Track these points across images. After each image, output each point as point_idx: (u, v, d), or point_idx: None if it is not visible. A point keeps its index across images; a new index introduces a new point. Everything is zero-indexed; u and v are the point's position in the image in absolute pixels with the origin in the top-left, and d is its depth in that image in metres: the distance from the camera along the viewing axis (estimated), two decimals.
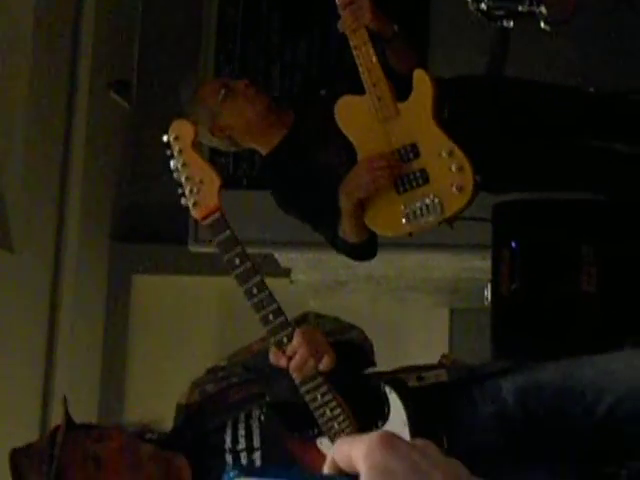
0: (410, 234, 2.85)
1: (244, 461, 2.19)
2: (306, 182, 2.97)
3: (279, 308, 2.17)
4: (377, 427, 2.15)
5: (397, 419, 2.15)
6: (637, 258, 3.43)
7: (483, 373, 2.38)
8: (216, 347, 4.97)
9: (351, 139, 2.83)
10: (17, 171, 4.31)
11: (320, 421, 2.14)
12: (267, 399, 2.24)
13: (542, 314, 3.48)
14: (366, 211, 2.82)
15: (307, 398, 2.14)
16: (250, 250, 4.40)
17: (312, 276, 4.71)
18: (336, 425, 2.13)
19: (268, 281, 2.24)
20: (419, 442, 0.83)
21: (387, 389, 2.17)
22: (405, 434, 2.13)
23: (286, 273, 4.61)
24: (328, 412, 2.13)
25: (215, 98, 2.95)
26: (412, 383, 2.26)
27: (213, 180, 2.24)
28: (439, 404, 2.25)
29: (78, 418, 2.25)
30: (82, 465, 2.11)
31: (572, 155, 3.16)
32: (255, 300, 2.17)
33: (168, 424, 2.33)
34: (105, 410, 4.85)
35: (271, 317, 2.16)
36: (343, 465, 0.83)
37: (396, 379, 2.24)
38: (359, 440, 0.82)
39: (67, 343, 4.56)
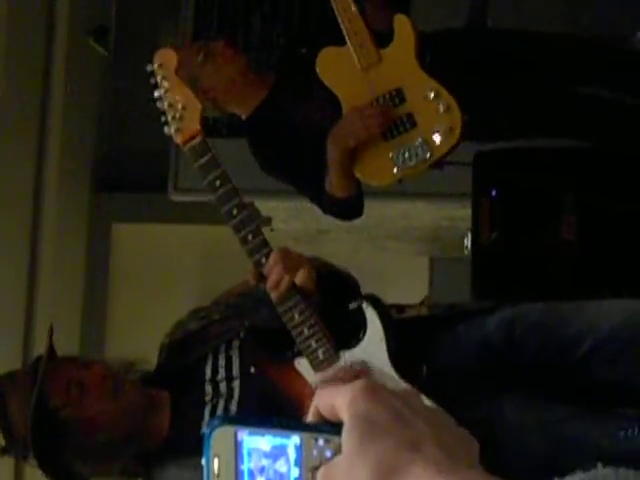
0: (400, 180, 2.85)
1: (223, 390, 2.23)
2: (289, 141, 2.95)
3: (258, 228, 2.24)
4: (354, 345, 2.19)
5: (374, 335, 2.19)
6: (617, 207, 3.45)
7: (465, 309, 2.43)
8: (196, 295, 4.97)
9: (335, 91, 2.81)
10: None
11: (298, 340, 2.18)
12: (246, 325, 2.28)
13: (522, 263, 3.49)
14: (354, 162, 2.80)
15: (285, 318, 2.18)
16: None
17: (293, 225, 4.71)
18: (313, 344, 2.17)
19: None
20: (402, 391, 0.84)
21: (365, 305, 2.21)
22: (382, 350, 2.18)
23: (267, 222, 4.60)
24: (305, 331, 2.17)
25: (194, 62, 2.93)
26: (393, 315, 2.30)
27: (195, 105, 2.32)
28: (419, 335, 2.29)
29: None
30: (65, 390, 2.15)
31: (556, 100, 3.14)
32: (235, 221, 2.24)
33: (151, 365, 2.38)
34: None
35: (250, 237, 2.22)
36: (326, 413, 0.84)
37: (375, 297, 2.27)
38: (342, 388, 0.82)
39: (48, 294, 4.56)
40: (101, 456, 2.21)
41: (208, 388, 2.26)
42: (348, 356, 2.20)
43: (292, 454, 0.83)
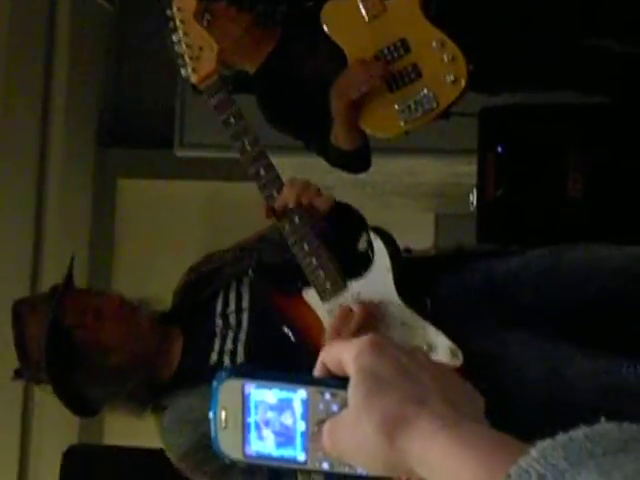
0: (406, 132, 2.83)
1: (232, 322, 2.30)
2: (296, 94, 2.95)
3: (270, 164, 2.27)
4: (361, 275, 2.22)
5: (381, 265, 2.23)
6: (624, 164, 3.43)
7: (472, 251, 2.47)
8: (201, 250, 4.97)
9: (340, 43, 2.80)
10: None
11: (306, 271, 2.22)
12: (256, 259, 2.34)
13: (527, 220, 3.48)
14: (360, 114, 2.79)
15: (294, 249, 2.23)
16: (235, 155, 4.38)
17: None
18: (321, 274, 2.22)
19: (253, 187, 2.29)
20: (409, 347, 0.84)
21: (372, 235, 2.25)
22: (389, 280, 2.22)
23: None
24: (314, 261, 2.22)
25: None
26: (401, 253, 2.33)
27: (212, 46, 2.39)
28: (425, 271, 2.33)
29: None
30: (81, 315, 2.24)
31: (563, 51, 3.12)
32: (248, 156, 2.29)
33: (165, 307, 2.44)
34: None
35: (262, 172, 2.26)
36: (333, 368, 0.84)
37: (383, 229, 2.30)
38: (349, 343, 0.83)
39: (54, 249, 4.57)
40: (112, 380, 2.26)
41: (218, 321, 2.32)
42: (355, 286, 2.23)
43: (298, 408, 0.84)
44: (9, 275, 4.28)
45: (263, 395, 0.85)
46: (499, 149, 3.45)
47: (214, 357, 2.29)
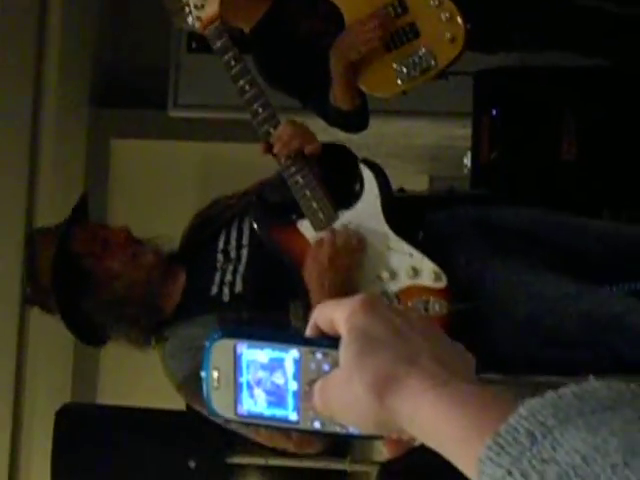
0: (404, 92, 2.84)
1: (233, 256, 2.48)
2: (293, 54, 2.94)
3: (267, 102, 2.46)
4: (352, 205, 2.42)
5: (370, 194, 2.42)
6: (618, 128, 3.43)
7: (464, 194, 2.59)
8: (194, 211, 4.97)
9: (337, 2, 2.79)
10: None
11: (301, 203, 2.42)
12: (257, 195, 2.55)
13: (520, 183, 3.49)
14: (358, 74, 2.80)
15: (290, 182, 2.43)
16: (231, 116, 4.37)
17: None
18: (314, 204, 2.41)
19: (248, 147, 2.35)
20: (401, 307, 0.85)
21: (362, 166, 2.45)
22: (377, 209, 2.40)
23: (266, 136, 4.59)
24: (308, 193, 2.42)
25: None
26: (394, 193, 2.53)
27: None
28: (418, 207, 2.54)
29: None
30: (90, 243, 2.40)
31: (561, 10, 3.11)
32: (247, 95, 2.47)
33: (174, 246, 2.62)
34: None
35: (260, 110, 2.45)
36: (325, 328, 0.85)
37: (372, 160, 2.50)
38: (341, 303, 0.83)
39: (47, 209, 4.56)
40: (116, 306, 2.41)
41: (219, 256, 2.49)
42: (346, 215, 2.42)
43: (290, 367, 0.84)
44: (2, 236, 4.28)
45: (255, 355, 0.85)
46: (494, 112, 3.45)
47: (214, 289, 2.43)
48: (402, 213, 2.44)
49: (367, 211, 2.42)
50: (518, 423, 0.63)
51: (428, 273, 2.33)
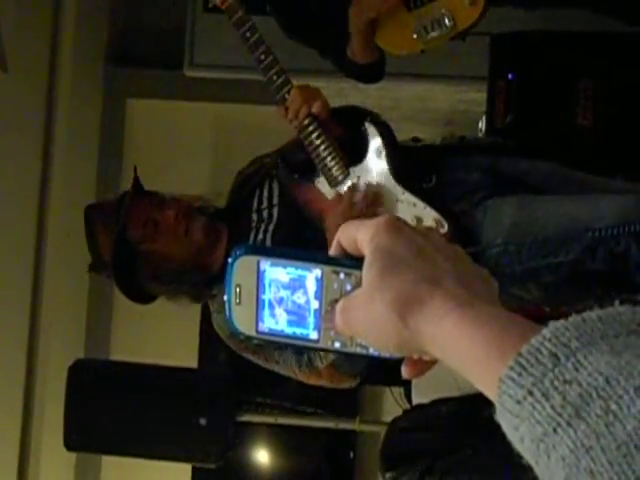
0: (422, 51, 2.85)
1: (265, 216, 2.66)
2: (311, 6, 2.94)
3: (281, 69, 2.61)
4: (361, 160, 2.60)
5: (376, 148, 2.59)
6: (634, 95, 3.42)
7: (476, 142, 2.82)
8: (210, 171, 4.99)
9: None
10: None
11: (316, 161, 2.60)
12: (281, 156, 2.73)
13: (536, 147, 3.48)
14: (377, 30, 2.82)
15: (305, 142, 2.60)
16: (247, 76, 4.35)
17: None
18: (329, 162, 2.59)
19: (263, 109, 2.42)
20: (424, 228, 0.84)
21: (367, 123, 2.61)
22: (383, 162, 2.58)
23: (282, 100, 4.58)
24: (322, 152, 2.59)
25: None
26: (407, 144, 2.71)
27: None
28: (431, 155, 2.67)
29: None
30: (143, 225, 2.59)
31: None
32: (263, 64, 2.61)
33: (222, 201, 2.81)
34: None
35: (275, 77, 2.61)
36: (348, 248, 0.84)
37: (377, 116, 2.70)
38: (365, 223, 0.83)
39: (62, 167, 4.57)
40: (171, 280, 2.62)
41: (254, 216, 2.68)
42: (356, 171, 2.60)
43: (312, 286, 0.84)
44: (17, 194, 4.30)
45: (277, 273, 0.85)
46: (510, 76, 3.44)
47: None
48: (413, 161, 2.61)
49: (374, 165, 2.59)
50: (541, 344, 0.63)
51: (430, 221, 2.48)
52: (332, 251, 0.86)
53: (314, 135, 2.59)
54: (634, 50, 3.40)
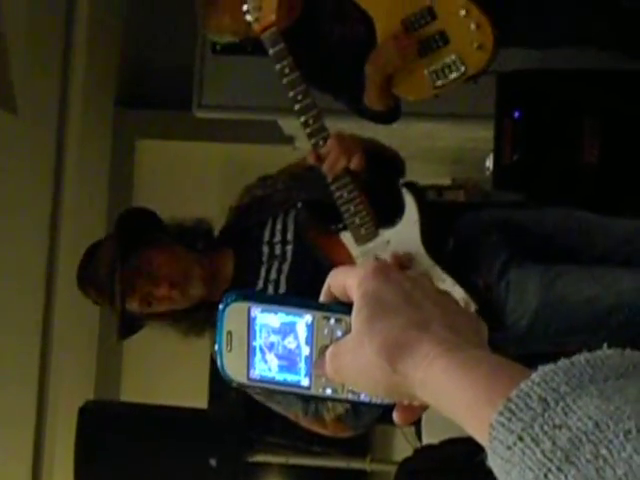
0: (436, 96, 2.91)
1: (278, 252, 2.60)
2: (326, 58, 2.98)
3: (319, 114, 2.52)
4: (393, 225, 2.55)
5: (410, 218, 2.54)
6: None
7: (498, 201, 2.69)
8: (219, 212, 4.99)
9: (367, 9, 2.84)
10: (20, 33, 4.27)
11: (345, 216, 2.54)
12: (303, 197, 2.66)
13: (542, 185, 3.49)
14: (392, 80, 2.88)
15: (335, 195, 2.52)
16: (254, 117, 4.38)
17: None
18: (357, 220, 2.54)
19: (271, 149, 2.38)
20: (414, 274, 0.84)
21: (404, 190, 2.56)
22: (415, 233, 2.53)
23: (289, 141, 4.60)
24: (352, 208, 2.53)
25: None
26: (432, 197, 2.74)
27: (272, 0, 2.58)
28: (451, 215, 2.65)
29: (84, 301, 2.68)
30: (139, 301, 2.52)
31: (580, 6, 3.09)
32: (300, 105, 2.52)
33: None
34: None
35: (311, 121, 2.51)
36: (338, 293, 0.84)
37: (414, 184, 2.62)
38: (354, 269, 0.83)
39: (72, 210, 4.59)
40: (174, 323, 2.60)
41: (265, 248, 2.61)
42: (386, 234, 2.55)
43: (303, 332, 0.84)
44: (27, 235, 4.32)
45: (268, 319, 0.84)
46: (516, 114, 3.45)
47: (260, 284, 2.57)
48: (436, 223, 2.57)
49: (406, 234, 2.54)
50: (530, 389, 0.63)
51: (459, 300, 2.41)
52: (322, 297, 0.87)
53: (346, 189, 2.52)
54: (638, 87, 3.42)
